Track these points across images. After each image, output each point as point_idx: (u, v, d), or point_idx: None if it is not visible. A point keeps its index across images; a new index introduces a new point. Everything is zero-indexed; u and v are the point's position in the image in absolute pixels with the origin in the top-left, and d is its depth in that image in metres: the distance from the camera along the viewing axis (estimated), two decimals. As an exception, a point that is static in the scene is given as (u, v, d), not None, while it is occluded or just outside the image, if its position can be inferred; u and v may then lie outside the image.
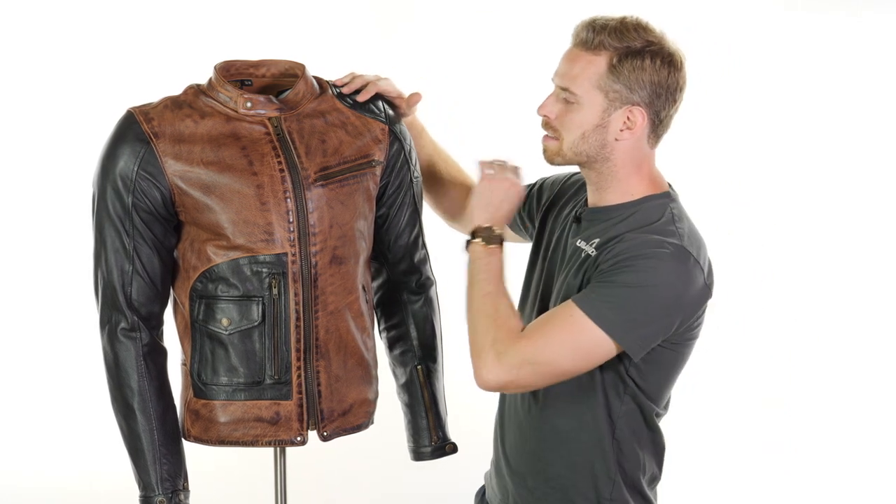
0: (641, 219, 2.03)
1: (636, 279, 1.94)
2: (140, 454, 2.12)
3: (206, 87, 2.14)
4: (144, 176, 2.06)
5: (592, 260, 2.03)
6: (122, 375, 2.11)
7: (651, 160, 2.09)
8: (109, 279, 2.09)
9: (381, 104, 2.26)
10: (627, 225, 2.03)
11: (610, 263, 1.97)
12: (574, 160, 2.07)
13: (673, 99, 2.03)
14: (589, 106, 2.02)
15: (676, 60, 2.02)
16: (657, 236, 1.98)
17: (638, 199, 2.07)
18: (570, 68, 2.03)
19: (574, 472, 2.11)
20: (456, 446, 2.39)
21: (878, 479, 3.98)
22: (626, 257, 1.96)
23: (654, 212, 2.04)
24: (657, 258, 1.95)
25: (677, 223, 2.03)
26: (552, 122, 2.07)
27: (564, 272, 2.10)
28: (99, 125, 2.28)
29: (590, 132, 2.03)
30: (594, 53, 2.01)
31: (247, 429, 2.14)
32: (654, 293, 1.95)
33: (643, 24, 2.02)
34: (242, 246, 2.08)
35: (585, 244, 2.07)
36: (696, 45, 2.17)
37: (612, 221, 2.06)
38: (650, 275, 1.94)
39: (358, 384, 2.22)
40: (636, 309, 1.95)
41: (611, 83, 2.00)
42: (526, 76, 3.91)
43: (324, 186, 2.12)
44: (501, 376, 1.98)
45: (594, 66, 2.00)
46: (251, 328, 2.11)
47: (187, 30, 3.84)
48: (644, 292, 1.94)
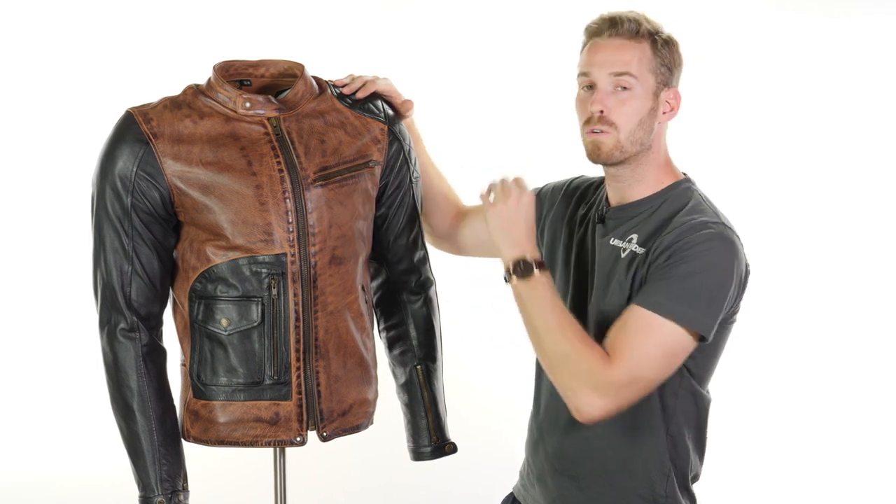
0: (674, 206, 2.07)
1: (695, 266, 1.96)
2: (139, 455, 2.12)
3: (206, 88, 2.14)
4: (143, 176, 2.06)
5: (642, 257, 2.03)
6: (121, 376, 2.11)
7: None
8: (109, 280, 2.09)
9: (381, 104, 2.26)
10: (664, 213, 2.06)
11: (665, 258, 1.99)
12: (631, 151, 2.07)
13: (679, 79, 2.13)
14: (643, 89, 2.06)
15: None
16: (699, 218, 2.02)
17: (664, 189, 2.10)
18: (621, 56, 2.05)
19: (630, 470, 2.11)
20: (455, 446, 2.39)
21: (878, 479, 3.98)
22: (677, 248, 1.98)
23: (685, 195, 2.09)
24: (708, 240, 1.98)
25: (709, 203, 2.09)
26: (608, 115, 2.06)
27: (605, 275, 2.09)
28: (98, 125, 2.27)
29: (646, 118, 2.07)
30: (637, 41, 2.05)
31: (246, 429, 2.14)
32: (714, 273, 1.97)
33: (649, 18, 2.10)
34: (242, 246, 2.08)
35: (622, 242, 2.08)
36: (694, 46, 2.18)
37: (644, 215, 2.08)
38: (706, 258, 1.97)
39: (357, 384, 2.22)
40: (704, 294, 1.97)
41: (658, 65, 2.07)
42: (526, 77, 3.92)
43: (323, 186, 2.12)
44: (608, 407, 1.95)
45: (641, 51, 2.05)
46: (250, 328, 2.10)
47: (187, 30, 3.84)
48: (705, 276, 1.97)
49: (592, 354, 1.95)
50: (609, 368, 1.94)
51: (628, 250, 2.07)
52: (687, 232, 1.99)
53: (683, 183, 2.12)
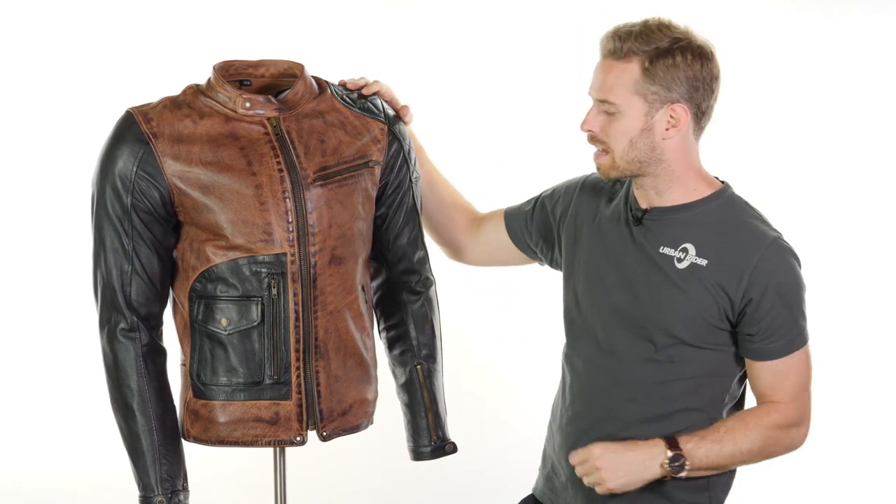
0: (730, 216, 2.09)
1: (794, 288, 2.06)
2: (139, 454, 2.12)
3: (205, 88, 2.14)
4: (143, 176, 2.06)
5: (705, 270, 2.05)
6: (121, 376, 2.11)
7: (698, 154, 2.13)
8: (109, 279, 2.09)
9: (381, 104, 2.26)
10: (721, 225, 2.08)
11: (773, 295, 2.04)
12: (629, 169, 2.08)
13: (710, 89, 2.06)
14: (630, 112, 2.03)
15: (706, 51, 2.05)
16: (770, 234, 2.07)
17: (706, 197, 2.10)
18: (605, 79, 2.05)
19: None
20: (455, 446, 2.39)
21: (878, 479, 3.98)
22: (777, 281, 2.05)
23: (732, 207, 2.11)
24: (787, 257, 2.06)
25: (755, 211, 2.12)
26: (598, 135, 2.08)
27: (656, 282, 2.09)
28: (98, 125, 2.27)
29: (637, 138, 2.05)
30: (625, 61, 2.02)
31: (246, 429, 2.14)
32: (802, 283, 2.09)
33: (666, 23, 2.04)
34: (241, 246, 2.08)
35: (675, 251, 2.08)
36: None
37: (695, 224, 2.08)
38: (794, 276, 2.07)
39: (357, 384, 2.22)
40: (805, 302, 2.09)
41: (647, 86, 2.02)
42: (526, 77, 3.92)
43: (323, 186, 2.12)
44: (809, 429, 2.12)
45: (627, 73, 2.02)
46: (250, 328, 2.10)
47: (187, 30, 3.84)
48: (801, 291, 2.08)
49: (770, 420, 2.07)
50: (788, 412, 2.08)
51: (687, 262, 2.07)
52: (773, 259, 2.05)
53: (726, 191, 2.13)
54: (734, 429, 2.06)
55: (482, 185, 2.97)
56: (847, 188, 4.07)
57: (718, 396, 2.11)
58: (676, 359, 2.08)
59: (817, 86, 4.04)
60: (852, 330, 4.09)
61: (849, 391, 4.07)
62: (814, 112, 4.05)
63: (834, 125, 4.06)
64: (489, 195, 2.71)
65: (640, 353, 2.10)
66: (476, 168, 3.58)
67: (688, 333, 2.06)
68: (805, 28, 4.03)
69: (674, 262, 2.08)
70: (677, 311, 2.06)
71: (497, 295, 3.84)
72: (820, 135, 4.06)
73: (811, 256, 4.00)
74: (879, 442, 4.05)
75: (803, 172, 4.06)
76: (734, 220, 2.08)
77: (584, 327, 2.20)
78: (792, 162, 4.06)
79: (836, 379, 4.05)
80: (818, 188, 4.06)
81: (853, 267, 4.09)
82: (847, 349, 4.08)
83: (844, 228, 4.07)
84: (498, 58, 3.95)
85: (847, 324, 4.08)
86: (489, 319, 3.94)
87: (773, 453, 2.10)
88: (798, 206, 4.06)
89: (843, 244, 4.07)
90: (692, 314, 2.06)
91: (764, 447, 2.07)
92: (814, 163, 4.06)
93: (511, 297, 3.84)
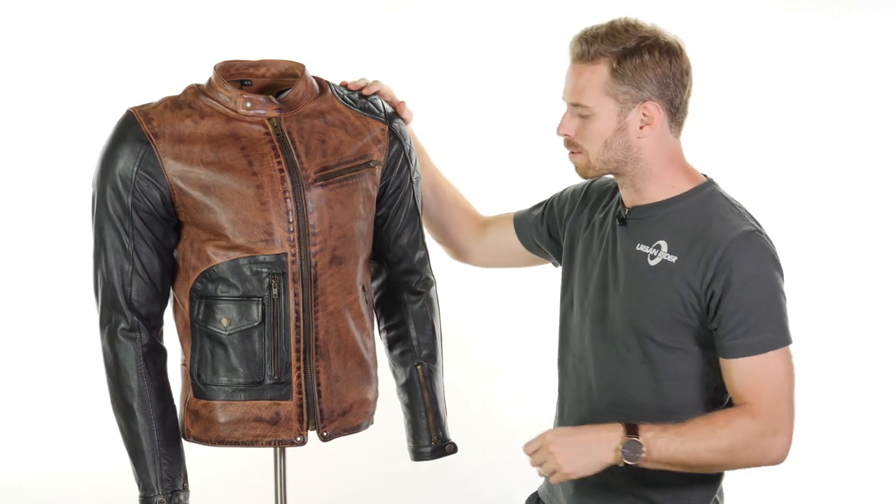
0: (704, 212, 2.06)
1: (765, 286, 2.00)
2: (140, 454, 2.12)
3: (206, 88, 2.14)
4: (144, 176, 2.06)
5: (674, 266, 2.03)
6: (121, 376, 2.11)
7: (680, 150, 2.11)
8: (109, 279, 2.09)
9: (381, 103, 2.26)
10: (694, 221, 2.05)
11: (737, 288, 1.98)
12: (605, 169, 2.08)
13: (682, 84, 2.06)
14: (603, 114, 2.04)
15: (675, 47, 2.04)
16: (741, 228, 2.01)
17: (685, 192, 2.09)
18: (575, 83, 2.06)
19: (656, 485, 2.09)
20: (456, 446, 2.39)
21: (878, 479, 3.98)
22: (741, 276, 1.98)
23: (709, 201, 2.07)
24: (760, 251, 2.00)
25: (734, 205, 2.08)
26: (573, 139, 2.09)
27: (632, 283, 2.08)
28: (99, 125, 2.27)
29: (611, 138, 2.05)
30: (594, 63, 2.03)
31: (246, 429, 2.14)
32: (776, 282, 2.02)
33: (632, 23, 2.04)
34: (242, 246, 2.08)
35: (649, 248, 2.07)
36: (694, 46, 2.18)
37: (670, 219, 2.07)
38: (766, 272, 2.00)
39: (358, 384, 2.22)
40: (782, 307, 2.02)
41: (617, 86, 2.02)
42: (527, 77, 3.92)
43: (324, 186, 2.12)
44: (789, 439, 2.02)
45: (596, 75, 2.03)
46: (251, 328, 2.10)
47: (187, 30, 3.84)
48: (775, 291, 2.01)
49: (740, 421, 1.98)
50: (763, 412, 1.98)
51: (659, 258, 2.06)
52: (738, 252, 1.99)
53: (707, 186, 2.10)
54: (699, 425, 1.98)
55: (482, 185, 2.97)
56: (847, 188, 4.07)
57: (695, 401, 2.07)
58: (650, 360, 2.06)
59: (817, 86, 4.05)
60: (852, 330, 4.09)
61: (849, 391, 4.07)
62: (814, 112, 4.05)
63: (834, 125, 4.06)
64: (489, 195, 2.72)
65: (617, 354, 2.10)
66: (476, 168, 3.58)
67: (659, 333, 2.05)
68: (805, 28, 4.03)
69: (647, 259, 2.07)
70: (646, 309, 2.06)
71: (498, 295, 3.84)
72: (820, 134, 4.06)
73: (811, 256, 4.04)
74: (879, 442, 4.05)
75: (803, 172, 4.06)
76: (709, 214, 2.05)
77: (570, 329, 2.21)
78: (792, 162, 4.06)
79: (836, 379, 4.06)
80: (818, 188, 4.07)
81: (853, 267, 4.09)
82: (847, 349, 4.08)
83: (844, 228, 4.07)
84: (498, 58, 3.96)
85: (847, 324, 4.09)
86: (490, 319, 3.94)
87: (746, 459, 2.00)
88: (798, 205, 4.06)
89: (843, 244, 4.07)
90: (660, 312, 2.04)
91: (731, 449, 1.97)
92: (814, 162, 4.06)
93: (513, 297, 3.84)
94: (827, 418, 4.05)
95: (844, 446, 4.02)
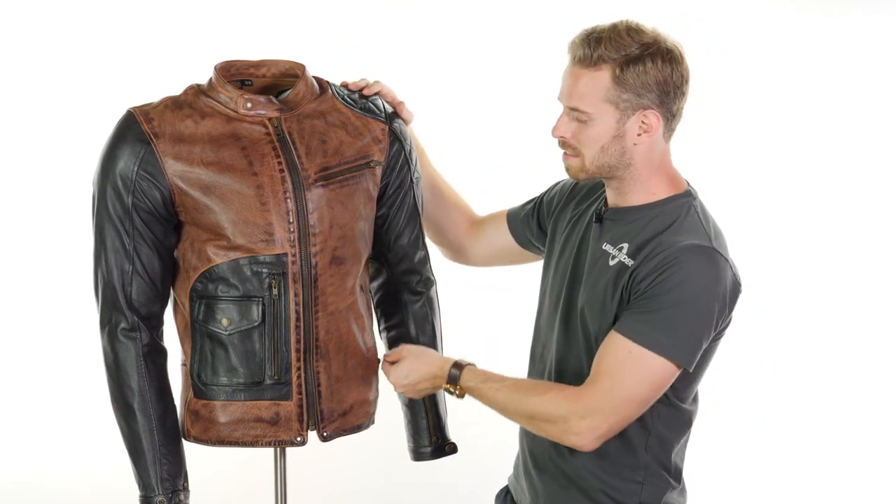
0: (668, 220, 2.04)
1: (677, 297, 1.95)
2: (140, 454, 2.12)
3: (207, 88, 2.14)
4: (144, 176, 2.06)
5: (630, 271, 2.01)
6: (122, 376, 2.11)
7: (668, 155, 2.10)
8: (109, 279, 2.09)
9: (382, 104, 2.26)
10: (654, 228, 2.03)
11: (648, 283, 1.97)
12: (598, 173, 2.08)
13: (681, 92, 2.05)
14: (602, 120, 2.02)
15: (676, 55, 2.03)
16: (688, 241, 1.99)
17: (662, 200, 2.07)
18: (575, 87, 2.03)
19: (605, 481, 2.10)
20: (455, 446, 2.39)
21: (877, 480, 3.98)
22: (660, 275, 1.96)
23: (680, 212, 2.05)
24: (690, 264, 1.96)
25: (704, 222, 2.05)
26: (569, 141, 2.07)
27: (593, 278, 2.08)
28: (99, 125, 2.27)
29: (608, 144, 2.04)
30: (595, 69, 2.01)
31: (247, 429, 2.14)
32: (696, 304, 1.97)
33: (634, 27, 2.02)
34: (242, 246, 2.08)
35: (613, 248, 2.07)
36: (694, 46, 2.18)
37: (639, 223, 2.06)
38: (688, 287, 1.95)
39: (358, 384, 2.22)
40: (685, 324, 1.97)
41: (619, 93, 2.00)
42: (526, 77, 3.92)
43: (324, 187, 2.12)
44: (598, 428, 1.98)
45: (598, 81, 2.01)
46: (251, 328, 2.11)
47: (187, 30, 3.85)
48: (687, 306, 1.96)
49: (559, 392, 2.02)
50: (585, 394, 1.98)
51: (618, 259, 2.05)
52: (671, 257, 1.97)
53: (681, 197, 2.08)
54: (520, 386, 2.07)
55: (482, 185, 2.98)
56: (847, 187, 4.07)
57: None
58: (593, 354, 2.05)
59: (817, 86, 4.05)
60: (852, 330, 4.09)
61: (849, 391, 4.07)
62: (813, 112, 4.05)
63: (834, 125, 4.06)
64: (489, 195, 2.71)
65: (576, 345, 2.11)
66: (476, 168, 3.58)
67: (602, 332, 2.04)
68: (805, 28, 4.04)
69: (608, 259, 2.07)
70: (597, 308, 2.06)
71: (498, 295, 3.84)
72: (820, 134, 4.06)
73: (811, 256, 4.05)
74: (879, 442, 4.05)
75: (803, 172, 4.06)
76: (674, 224, 2.03)
77: (541, 320, 2.23)
78: (792, 162, 4.06)
79: (836, 379, 4.06)
80: (818, 187, 4.07)
81: (853, 267, 4.09)
82: (847, 349, 4.09)
83: (844, 228, 4.07)
84: (498, 58, 3.96)
85: (847, 324, 4.09)
86: (490, 319, 3.94)
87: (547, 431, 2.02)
88: (798, 205, 4.06)
89: (843, 243, 4.07)
90: (606, 311, 2.04)
91: (533, 417, 2.02)
92: (813, 162, 4.07)
93: (513, 297, 3.84)
94: (827, 418, 4.06)
95: (844, 446, 4.02)
